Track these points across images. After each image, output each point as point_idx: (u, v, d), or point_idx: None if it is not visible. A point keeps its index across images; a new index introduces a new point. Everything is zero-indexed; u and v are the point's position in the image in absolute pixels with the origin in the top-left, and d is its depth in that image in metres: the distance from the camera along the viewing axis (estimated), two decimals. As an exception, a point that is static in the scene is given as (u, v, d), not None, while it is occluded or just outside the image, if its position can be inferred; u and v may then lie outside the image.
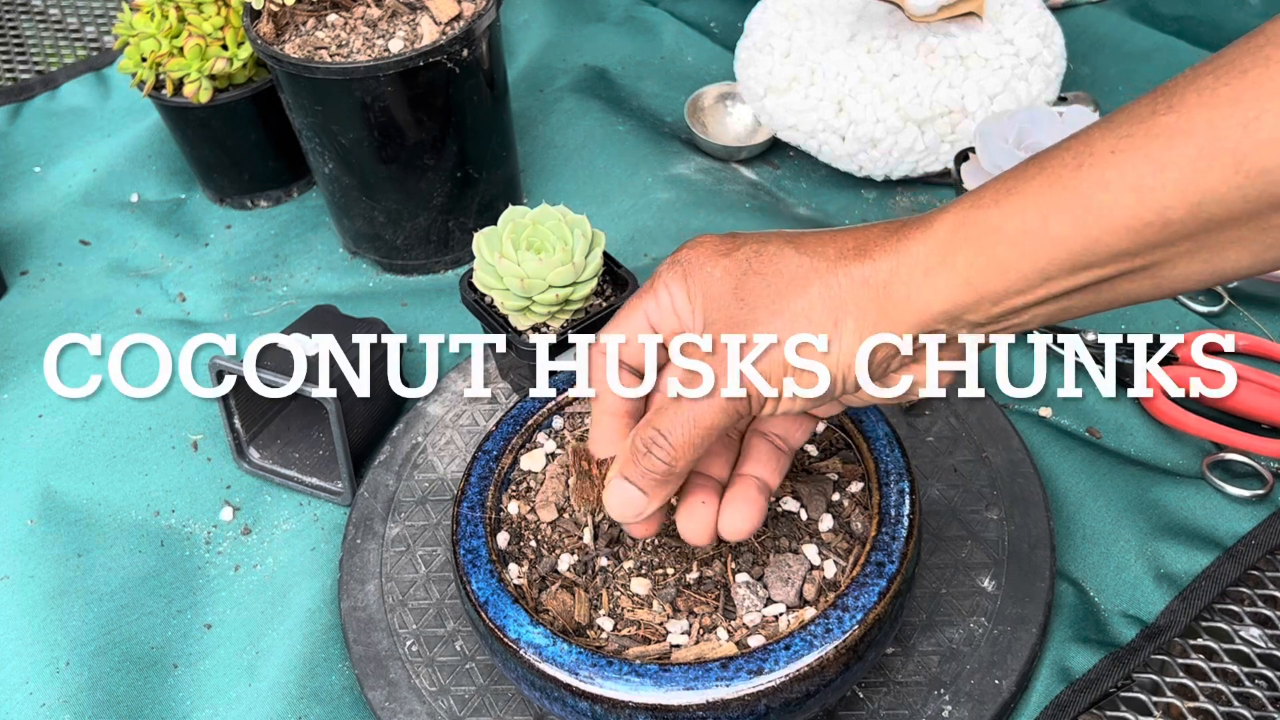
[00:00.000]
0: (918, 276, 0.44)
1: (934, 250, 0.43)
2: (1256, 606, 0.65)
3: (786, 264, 0.46)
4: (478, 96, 0.84)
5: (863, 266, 0.45)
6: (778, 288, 0.46)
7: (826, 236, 0.46)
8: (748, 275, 0.47)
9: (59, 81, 1.12)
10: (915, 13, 0.87)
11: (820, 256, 0.45)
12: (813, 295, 0.45)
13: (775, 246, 0.46)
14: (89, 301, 0.91)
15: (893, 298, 0.44)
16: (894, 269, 0.44)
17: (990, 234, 0.42)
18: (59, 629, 0.69)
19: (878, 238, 0.45)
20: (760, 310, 0.46)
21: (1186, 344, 0.75)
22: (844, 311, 0.45)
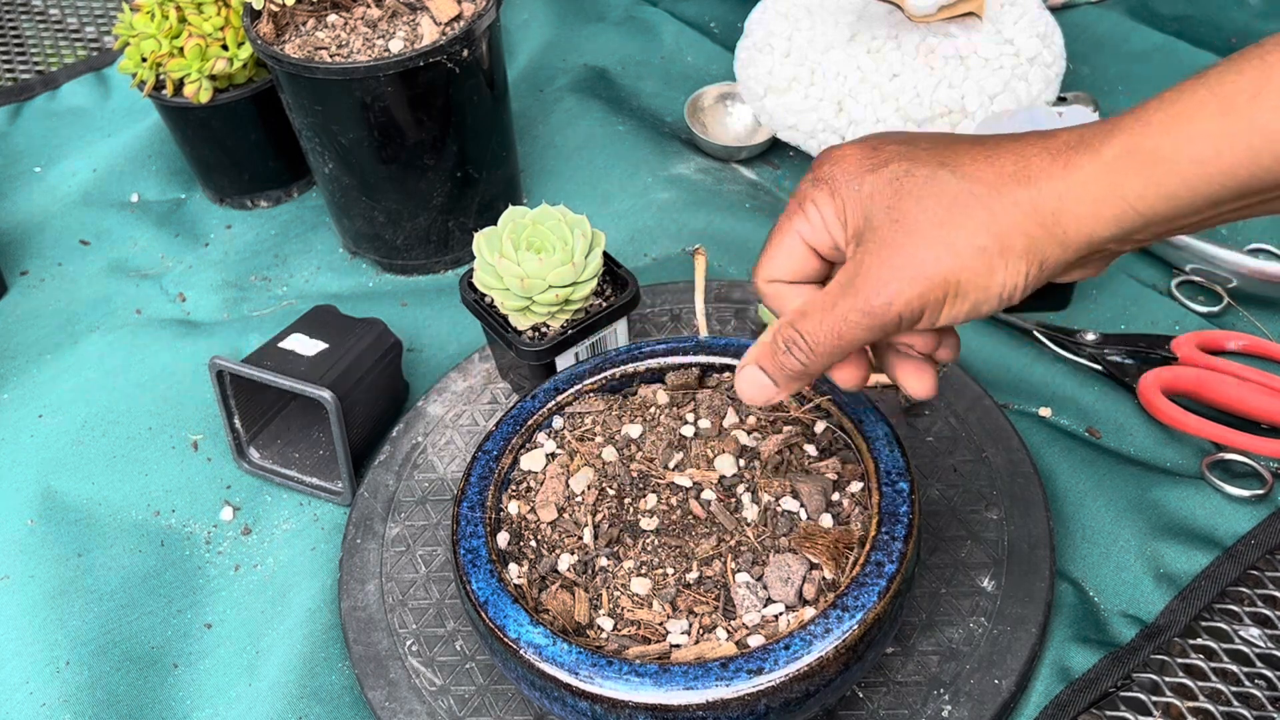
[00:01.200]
0: (1086, 205, 0.43)
1: (1102, 177, 0.43)
2: (1256, 606, 0.65)
3: (943, 187, 0.45)
4: (478, 96, 0.84)
5: (1028, 192, 0.44)
6: (935, 213, 0.45)
7: (980, 155, 0.45)
8: (901, 196, 0.45)
9: (59, 81, 1.12)
10: (915, 13, 0.87)
11: (978, 180, 0.44)
12: (976, 222, 0.44)
13: (927, 168, 0.45)
14: (89, 301, 0.91)
15: (1061, 224, 0.44)
16: (1061, 196, 0.43)
17: (1162, 164, 0.41)
18: (59, 629, 0.69)
19: (1039, 160, 0.44)
20: (919, 236, 0.45)
21: (1186, 344, 0.75)
22: (1011, 238, 0.44)
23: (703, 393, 0.66)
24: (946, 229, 0.44)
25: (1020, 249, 0.44)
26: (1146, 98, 0.43)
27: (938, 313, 0.46)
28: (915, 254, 0.45)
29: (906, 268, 0.45)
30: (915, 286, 0.45)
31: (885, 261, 0.45)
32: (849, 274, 0.47)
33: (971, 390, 0.73)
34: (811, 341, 0.48)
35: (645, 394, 0.66)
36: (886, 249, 0.45)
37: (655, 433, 0.64)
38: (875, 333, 0.47)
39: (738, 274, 0.87)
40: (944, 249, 0.44)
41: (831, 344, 0.47)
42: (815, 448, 0.63)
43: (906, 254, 0.45)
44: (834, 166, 0.48)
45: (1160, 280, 0.83)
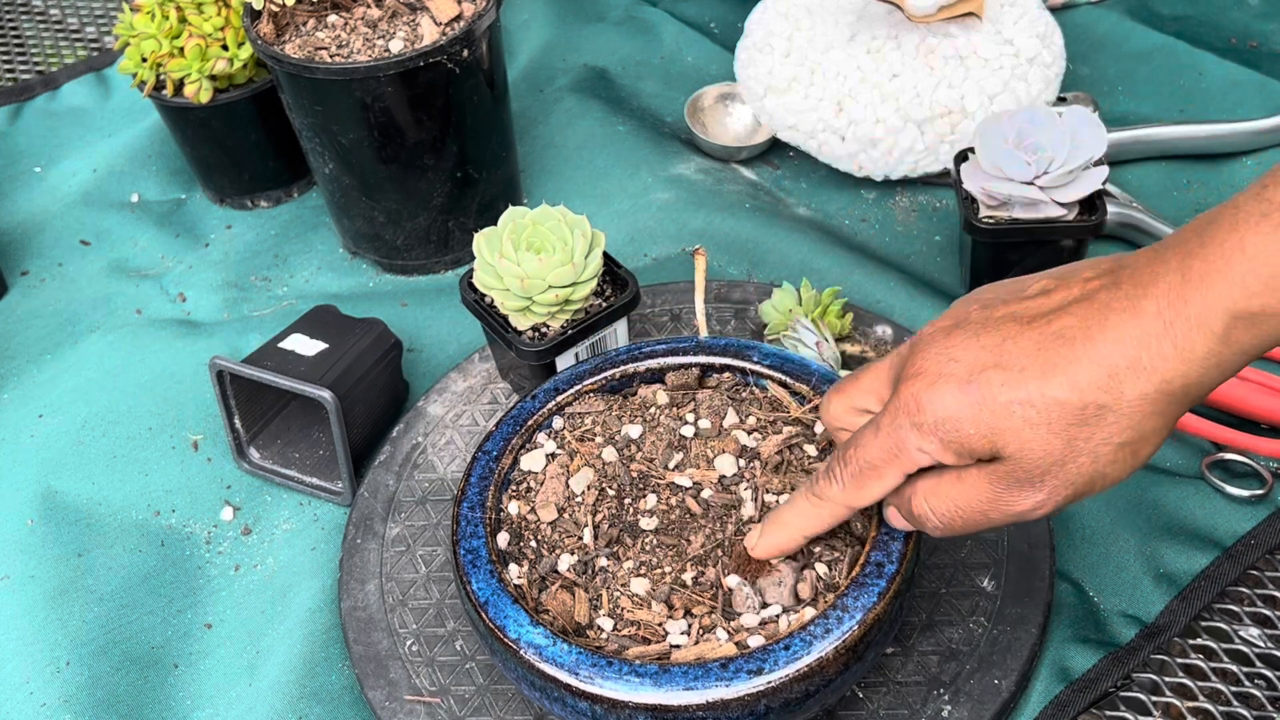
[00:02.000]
0: (1211, 371, 0.44)
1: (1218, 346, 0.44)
2: (1256, 606, 0.65)
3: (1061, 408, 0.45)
4: (478, 96, 0.84)
5: (1150, 382, 0.44)
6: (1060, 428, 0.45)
7: (1082, 357, 0.45)
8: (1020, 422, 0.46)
9: (59, 82, 1.12)
10: (915, 13, 0.87)
11: (1092, 384, 0.45)
12: (1109, 424, 0.45)
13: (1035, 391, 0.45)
14: (89, 302, 0.91)
15: (1190, 393, 0.45)
16: (1186, 375, 0.44)
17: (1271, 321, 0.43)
18: (59, 629, 0.69)
19: (1149, 347, 0.44)
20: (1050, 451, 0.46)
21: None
22: (1144, 423, 0.45)
23: (703, 393, 0.66)
24: (1081, 442, 0.45)
25: (1157, 425, 0.46)
26: (1150, 100, 0.43)
27: (1084, 498, 0.48)
28: (1057, 470, 0.46)
29: (1050, 482, 0.47)
30: (1062, 493, 0.47)
31: (1026, 480, 0.47)
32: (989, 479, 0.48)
33: (971, 390, 0.73)
34: (943, 524, 0.50)
35: (645, 394, 0.66)
36: (1025, 471, 0.47)
37: (655, 433, 0.64)
38: (1011, 524, 0.50)
39: (738, 274, 0.87)
40: (1085, 458, 0.46)
41: (964, 530, 0.50)
42: (815, 448, 0.63)
43: (1047, 471, 0.46)
44: (935, 412, 0.47)
45: (1160, 280, 0.83)
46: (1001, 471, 0.47)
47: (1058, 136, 0.74)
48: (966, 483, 0.48)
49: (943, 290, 0.84)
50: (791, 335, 0.75)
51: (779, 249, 0.88)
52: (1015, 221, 0.76)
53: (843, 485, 0.52)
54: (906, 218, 0.91)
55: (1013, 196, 0.75)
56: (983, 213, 0.77)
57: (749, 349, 0.66)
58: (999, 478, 0.47)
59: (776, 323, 0.76)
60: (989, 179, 0.76)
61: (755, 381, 0.66)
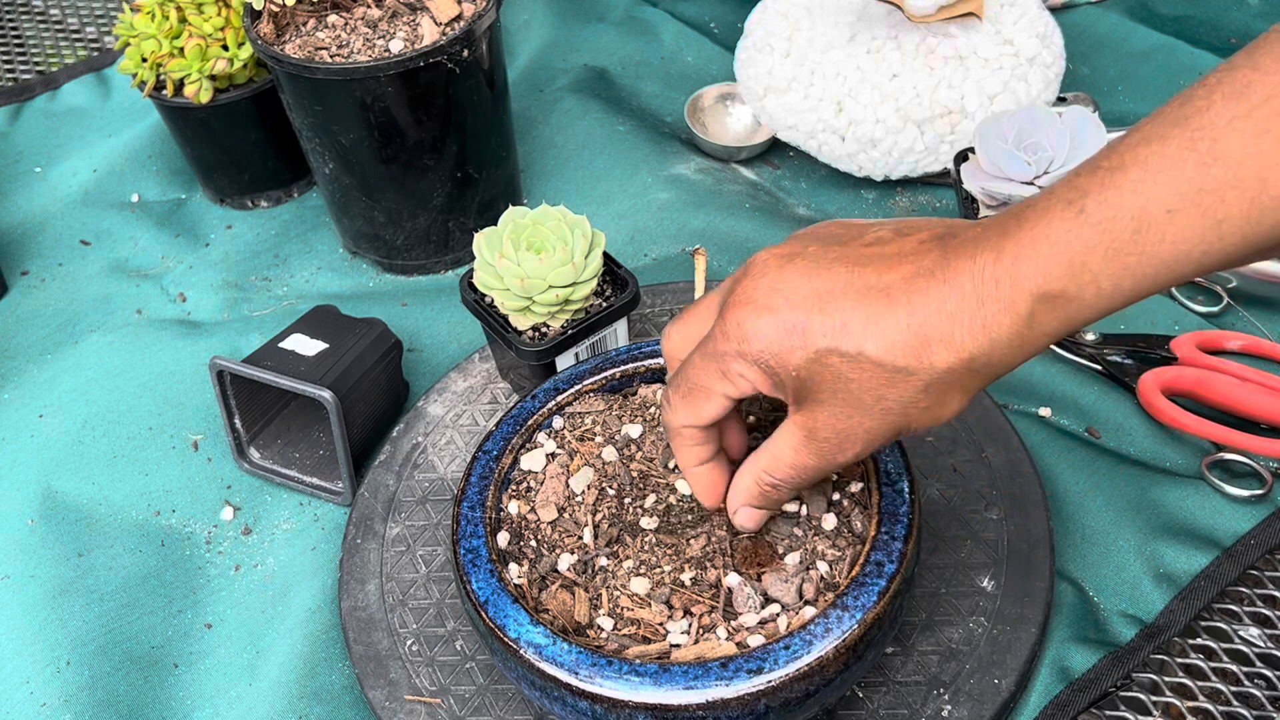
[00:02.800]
0: (1013, 351, 0.46)
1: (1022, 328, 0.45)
2: (1256, 606, 0.65)
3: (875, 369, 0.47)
4: (478, 96, 0.84)
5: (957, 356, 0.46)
6: (871, 385, 0.47)
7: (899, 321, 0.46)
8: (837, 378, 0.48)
9: (60, 82, 1.12)
10: (915, 13, 0.87)
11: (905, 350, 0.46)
12: (912, 388, 0.47)
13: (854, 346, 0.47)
14: (89, 302, 0.91)
15: (991, 369, 0.47)
16: (989, 353, 0.46)
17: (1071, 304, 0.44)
18: (59, 628, 0.69)
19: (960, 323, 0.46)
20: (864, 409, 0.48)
21: (1186, 344, 0.75)
22: (947, 393, 0.48)
23: (703, 393, 0.66)
24: (888, 400, 0.48)
25: (958, 393, 0.48)
26: (1150, 100, 0.44)
27: (889, 442, 0.51)
28: (864, 422, 0.49)
29: (858, 432, 0.49)
30: (871, 444, 0.50)
31: (838, 429, 0.49)
32: (805, 432, 0.51)
33: (971, 390, 0.73)
34: (789, 485, 0.54)
35: (645, 394, 0.66)
36: (835, 419, 0.49)
37: (655, 433, 0.64)
38: (829, 463, 0.52)
39: (738, 274, 0.87)
40: (891, 414, 0.48)
41: (808, 483, 0.54)
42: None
43: (856, 422, 0.49)
44: (759, 345, 0.49)
45: (1160, 280, 0.83)
46: (815, 423, 0.50)
47: (1058, 136, 0.74)
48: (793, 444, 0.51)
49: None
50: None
51: (779, 249, 0.88)
52: (1015, 221, 0.76)
53: (674, 407, 0.54)
54: (906, 218, 0.91)
55: (1013, 197, 0.75)
56: (982, 213, 0.77)
57: (749, 349, 0.66)
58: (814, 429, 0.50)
59: (776, 323, 0.76)
60: (989, 179, 0.76)
61: (755, 381, 0.66)
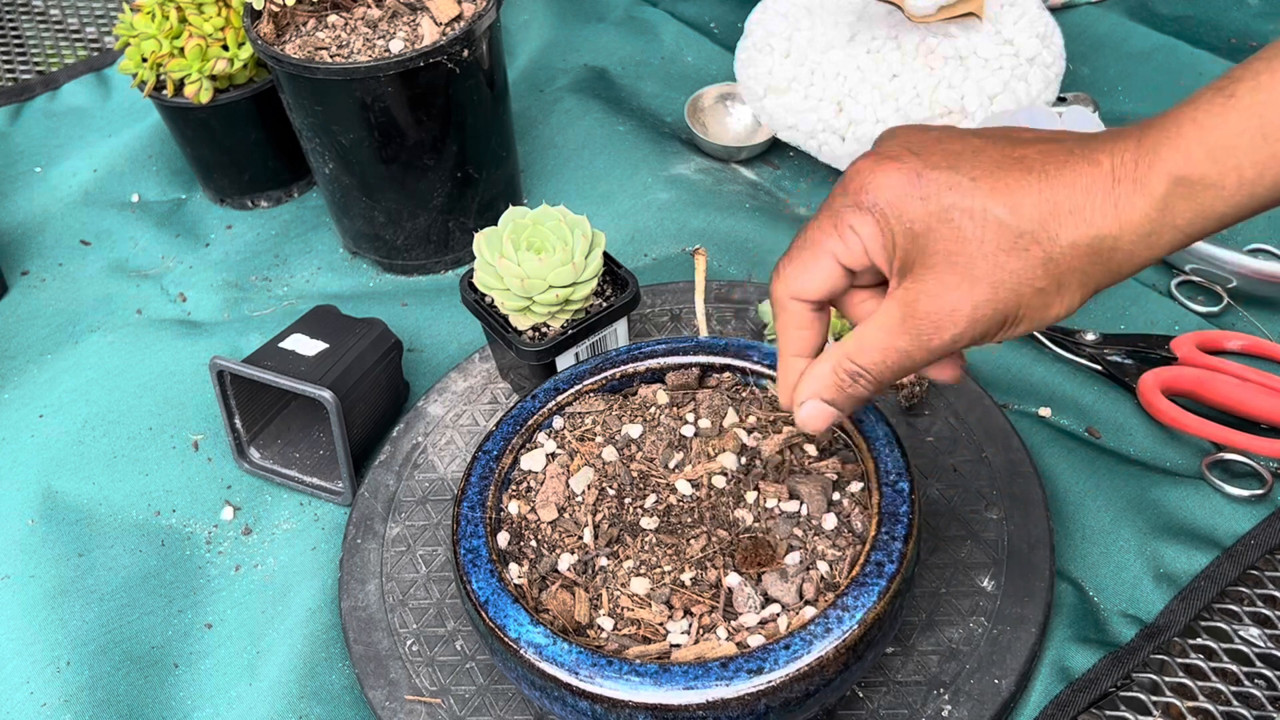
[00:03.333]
0: (1141, 240, 0.45)
1: (1154, 214, 0.44)
2: (1256, 606, 0.65)
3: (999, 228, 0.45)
4: (478, 96, 0.84)
5: (1084, 233, 0.45)
6: (992, 255, 0.45)
7: (1032, 187, 0.45)
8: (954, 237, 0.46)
9: (60, 82, 1.12)
10: (915, 13, 0.87)
11: (1033, 219, 0.45)
12: (1032, 264, 0.45)
13: (978, 202, 0.45)
14: (90, 302, 0.91)
15: (1116, 259, 0.45)
16: (1117, 237, 0.45)
17: (1209, 192, 0.43)
18: (59, 628, 0.69)
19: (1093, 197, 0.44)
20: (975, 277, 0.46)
21: (1186, 344, 0.75)
22: (1067, 276, 0.45)
23: (703, 393, 0.66)
24: (1005, 272, 0.45)
25: (1076, 283, 0.46)
26: (1150, 100, 0.44)
27: (993, 338, 0.48)
28: (973, 295, 0.46)
29: (964, 308, 0.46)
30: (975, 326, 0.46)
31: (942, 302, 0.46)
32: (904, 308, 0.47)
33: (971, 390, 0.73)
34: (876, 375, 0.49)
35: (645, 394, 0.66)
36: (943, 288, 0.46)
37: (655, 433, 0.64)
38: (934, 360, 0.49)
39: (738, 274, 0.87)
40: (1005, 292, 0.46)
41: (893, 375, 0.50)
42: (815, 448, 0.63)
43: (964, 294, 0.46)
44: (878, 195, 0.47)
45: (1160, 280, 0.83)
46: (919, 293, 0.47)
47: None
48: (885, 322, 0.48)
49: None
50: (791, 335, 0.75)
51: (779, 249, 0.87)
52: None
53: (780, 274, 0.51)
54: (906, 218, 0.91)
55: (1013, 196, 0.75)
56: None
57: (749, 349, 0.66)
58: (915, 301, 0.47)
59: (776, 323, 0.76)
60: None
61: (755, 381, 0.66)
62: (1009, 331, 0.47)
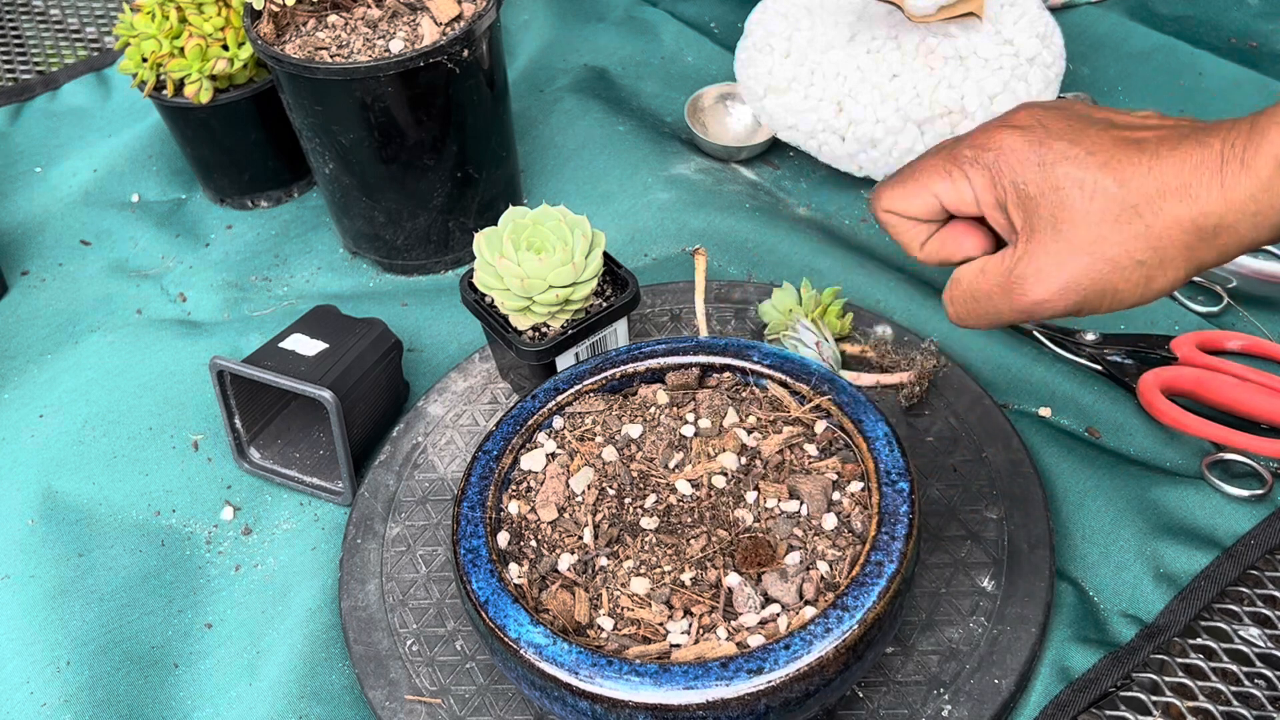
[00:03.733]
0: (1246, 219, 0.46)
1: (1260, 194, 0.45)
2: (1256, 606, 0.65)
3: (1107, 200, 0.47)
4: (478, 96, 0.84)
5: (1189, 210, 0.46)
6: (1097, 226, 0.47)
7: (1142, 164, 0.47)
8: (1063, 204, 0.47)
9: (60, 82, 1.12)
10: (915, 13, 0.87)
11: (1141, 194, 0.46)
12: (1136, 237, 0.47)
13: (1091, 173, 0.47)
14: (90, 302, 0.91)
15: (1220, 238, 0.46)
16: (1222, 215, 0.46)
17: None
18: (60, 628, 0.69)
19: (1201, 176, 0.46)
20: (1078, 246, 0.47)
21: (1186, 344, 0.75)
22: (1170, 252, 0.47)
23: (703, 393, 0.66)
24: (1107, 243, 0.47)
25: (1180, 259, 0.47)
26: (1150, 100, 0.45)
27: (1090, 311, 0.49)
28: (1074, 264, 0.48)
29: (1063, 276, 0.48)
30: (1071, 295, 0.48)
31: (1043, 267, 0.48)
32: (1005, 267, 0.50)
33: (971, 390, 0.73)
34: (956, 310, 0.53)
35: (645, 394, 0.66)
36: (1045, 254, 0.48)
37: (655, 433, 0.64)
38: (1022, 320, 0.51)
39: (738, 274, 0.87)
40: (1104, 263, 0.47)
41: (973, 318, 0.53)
42: (815, 448, 0.63)
43: (1065, 263, 0.48)
44: (999, 155, 0.49)
45: (1160, 280, 0.83)
46: (1023, 252, 0.49)
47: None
48: (986, 268, 0.51)
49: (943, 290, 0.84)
50: (791, 335, 0.75)
51: (779, 249, 0.88)
52: (1015, 221, 0.76)
53: (878, 193, 0.54)
54: (906, 218, 0.91)
55: (1013, 196, 0.75)
56: (983, 213, 0.77)
57: (749, 349, 0.66)
58: (1018, 258, 0.49)
59: (776, 323, 0.76)
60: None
61: (755, 381, 0.66)
62: (1109, 304, 0.49)
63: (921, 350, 0.75)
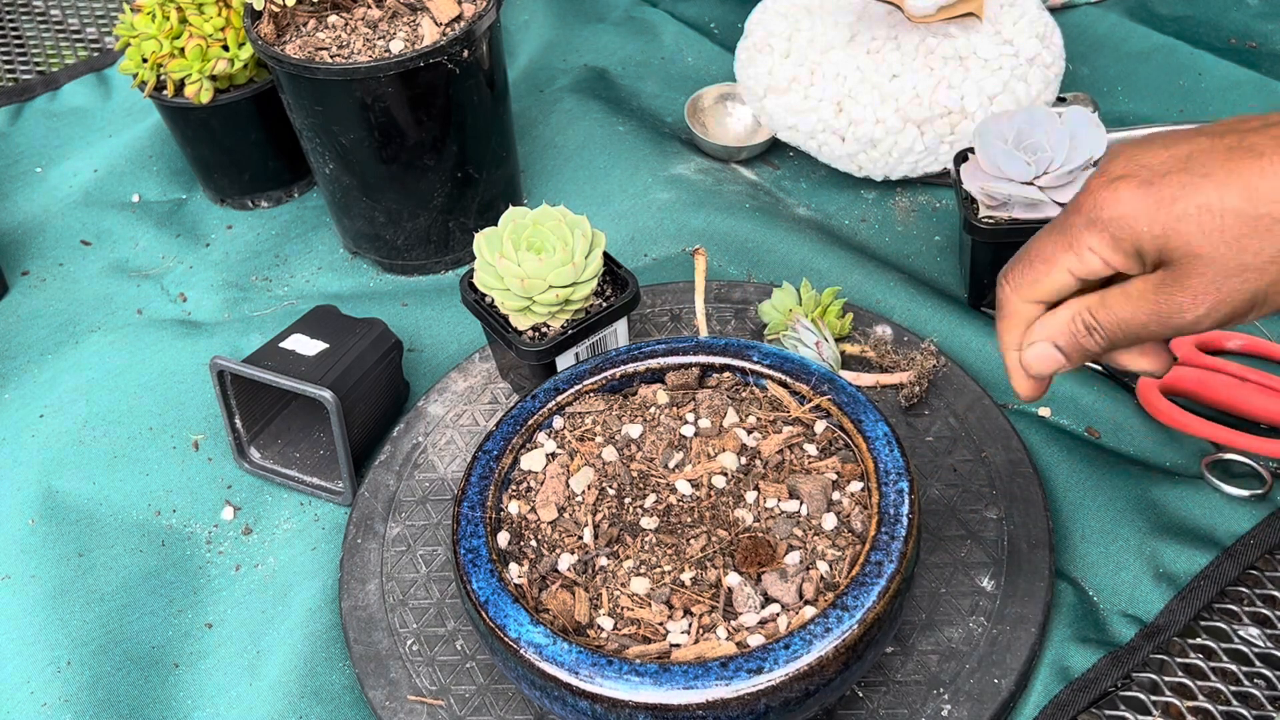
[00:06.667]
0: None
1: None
2: (1255, 606, 0.65)
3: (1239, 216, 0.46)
4: (478, 97, 0.84)
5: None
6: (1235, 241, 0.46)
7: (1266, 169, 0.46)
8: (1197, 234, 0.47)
9: (60, 82, 1.12)
10: (915, 14, 0.87)
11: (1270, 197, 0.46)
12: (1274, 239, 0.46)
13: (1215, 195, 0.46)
14: (90, 302, 0.91)
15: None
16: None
17: None
18: (60, 628, 0.69)
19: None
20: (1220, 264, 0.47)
21: (1186, 344, 0.75)
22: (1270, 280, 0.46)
23: (703, 393, 0.66)
24: (1250, 254, 0.46)
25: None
26: (1150, 101, 0.44)
27: (1243, 319, 0.49)
28: (1221, 281, 0.47)
29: (1213, 294, 0.47)
30: (1223, 308, 0.48)
31: (1191, 289, 0.48)
32: (1155, 287, 0.49)
33: (971, 390, 0.73)
34: (1109, 334, 0.51)
35: (645, 394, 0.67)
36: (1191, 278, 0.47)
37: (655, 433, 0.64)
38: (1171, 336, 0.50)
39: (738, 274, 0.87)
40: (1251, 273, 0.47)
41: (1125, 341, 0.51)
42: (815, 447, 0.63)
43: (1212, 281, 0.47)
44: (1112, 211, 0.49)
45: (1160, 280, 0.83)
46: (1167, 279, 0.48)
47: (1057, 137, 0.74)
48: (1131, 293, 0.50)
49: (942, 290, 0.84)
50: (791, 335, 0.75)
51: (779, 249, 0.88)
52: (1015, 222, 0.76)
53: (1013, 283, 0.53)
54: (906, 218, 0.91)
55: (1012, 197, 0.75)
56: (982, 213, 0.77)
57: (749, 349, 0.66)
58: (1164, 285, 0.48)
59: (776, 323, 0.76)
60: (989, 179, 0.76)
61: (755, 381, 0.66)
62: (1260, 311, 0.48)
63: (921, 350, 0.75)
